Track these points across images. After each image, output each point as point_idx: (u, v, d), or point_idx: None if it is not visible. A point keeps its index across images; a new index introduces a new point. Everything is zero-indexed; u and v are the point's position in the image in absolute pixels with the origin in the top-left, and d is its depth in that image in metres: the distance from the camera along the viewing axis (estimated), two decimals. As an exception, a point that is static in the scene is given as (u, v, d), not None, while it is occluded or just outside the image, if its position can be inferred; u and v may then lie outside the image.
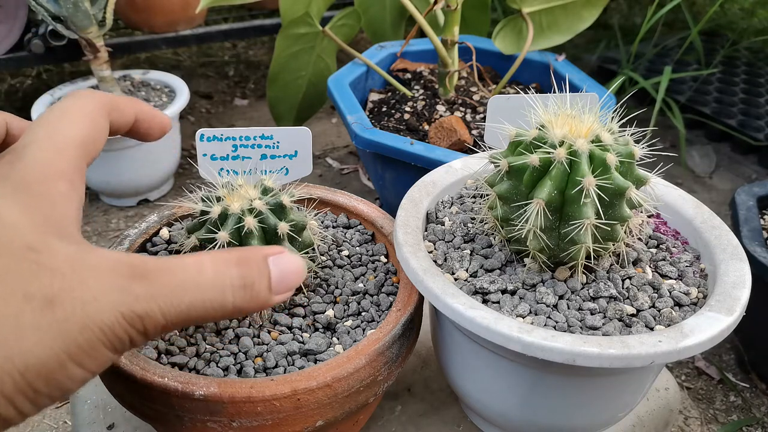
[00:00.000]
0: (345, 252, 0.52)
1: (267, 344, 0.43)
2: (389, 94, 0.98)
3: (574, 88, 0.91)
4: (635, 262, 0.45)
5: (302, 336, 0.44)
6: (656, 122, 1.15)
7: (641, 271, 0.44)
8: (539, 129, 0.41)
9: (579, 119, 0.41)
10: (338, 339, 0.44)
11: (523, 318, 0.41)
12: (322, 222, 0.55)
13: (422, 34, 1.00)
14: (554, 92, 0.44)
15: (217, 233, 0.42)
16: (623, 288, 0.43)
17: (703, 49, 1.42)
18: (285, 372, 0.41)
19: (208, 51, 1.73)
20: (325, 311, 0.46)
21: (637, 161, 0.41)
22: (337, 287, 0.49)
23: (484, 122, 0.64)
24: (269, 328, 0.45)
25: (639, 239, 0.47)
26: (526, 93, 0.46)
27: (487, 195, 0.44)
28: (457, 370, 0.47)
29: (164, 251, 0.51)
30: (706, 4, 1.60)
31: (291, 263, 0.31)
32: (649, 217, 0.48)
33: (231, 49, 1.77)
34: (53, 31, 1.11)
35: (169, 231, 0.53)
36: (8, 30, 1.15)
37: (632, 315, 0.41)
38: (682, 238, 0.49)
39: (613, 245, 0.42)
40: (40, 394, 0.25)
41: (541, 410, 0.44)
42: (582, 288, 0.43)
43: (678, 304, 0.42)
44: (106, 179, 1.07)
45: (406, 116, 0.91)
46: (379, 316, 0.46)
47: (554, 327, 0.40)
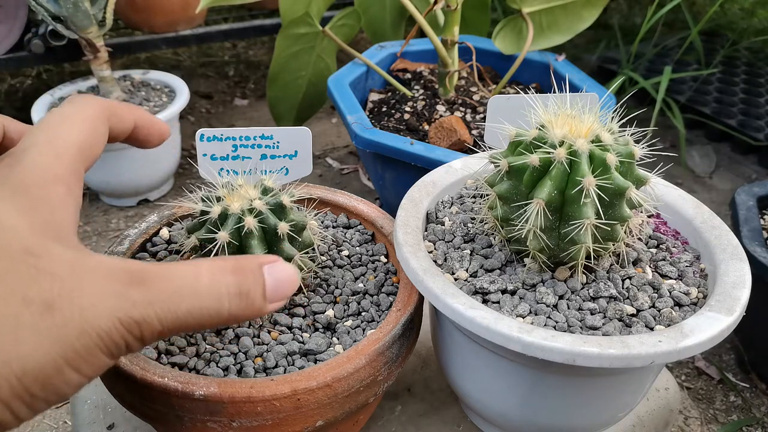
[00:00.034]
0: (345, 252, 0.52)
1: (267, 344, 0.43)
2: (389, 94, 0.98)
3: (574, 88, 0.91)
4: (635, 262, 0.45)
5: (302, 336, 0.44)
6: (656, 122, 1.15)
7: (641, 271, 0.44)
8: (539, 129, 0.41)
9: (579, 119, 0.41)
10: (338, 339, 0.44)
11: (523, 318, 0.41)
12: (322, 222, 0.55)
13: (422, 34, 1.00)
14: (554, 92, 0.44)
15: (217, 233, 0.42)
16: (623, 288, 0.43)
17: (703, 49, 1.42)
18: (285, 372, 0.41)
19: (208, 51, 1.73)
20: (325, 311, 0.46)
21: (637, 161, 0.41)
22: (337, 287, 0.49)
23: (484, 122, 0.63)
24: (269, 328, 0.45)
25: (639, 239, 0.47)
26: (526, 93, 0.46)
27: (487, 195, 0.44)
28: (457, 370, 0.47)
29: (164, 251, 0.51)
30: (706, 4, 1.60)
31: (285, 272, 0.32)
32: (649, 217, 0.48)
33: (231, 49, 1.77)
34: (53, 31, 1.11)
35: (169, 231, 0.53)
36: (8, 30, 1.15)
37: (632, 315, 0.41)
38: (682, 238, 0.49)
39: (613, 245, 0.42)
40: (37, 399, 0.25)
41: (541, 410, 0.44)
42: (582, 288, 0.43)
43: (678, 304, 0.42)
44: (106, 179, 1.07)
45: (406, 116, 0.91)
46: (379, 316, 0.46)
47: (554, 327, 0.40)
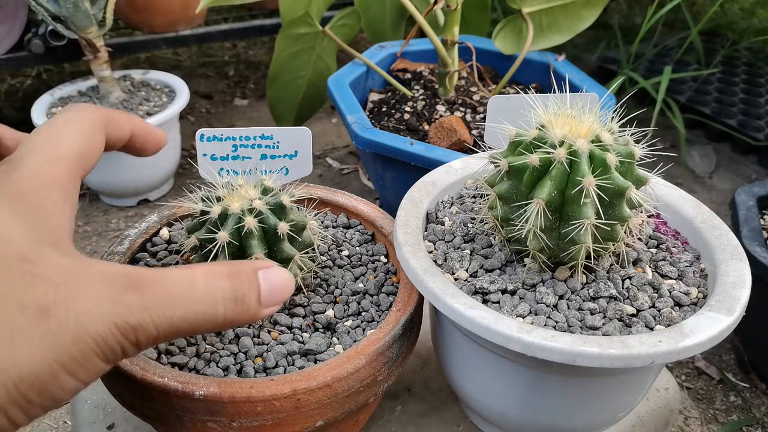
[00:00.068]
0: (345, 252, 0.52)
1: (267, 344, 0.43)
2: (389, 94, 0.98)
3: (574, 88, 0.91)
4: (635, 262, 0.45)
5: (302, 336, 0.44)
6: (656, 122, 1.15)
7: (641, 271, 0.44)
8: (539, 129, 0.41)
9: (579, 119, 0.41)
10: (338, 339, 0.44)
11: (523, 318, 0.41)
12: (322, 222, 0.55)
13: (422, 34, 1.00)
14: (554, 92, 0.44)
15: (217, 233, 0.42)
16: (623, 288, 0.43)
17: (703, 49, 1.42)
18: (285, 372, 0.41)
19: (208, 51, 1.73)
20: (325, 311, 0.46)
21: (637, 161, 0.41)
22: (337, 287, 0.49)
23: (484, 122, 0.63)
24: (269, 328, 0.45)
25: (639, 239, 0.47)
26: (526, 93, 0.46)
27: (487, 195, 0.44)
28: (457, 370, 0.47)
29: (164, 251, 0.51)
30: (706, 4, 1.60)
31: (280, 277, 0.32)
32: (649, 217, 0.48)
33: (231, 49, 1.77)
34: (53, 31, 1.11)
35: (169, 231, 0.53)
36: (8, 30, 1.15)
37: (632, 315, 0.41)
38: (682, 238, 0.49)
39: (613, 245, 0.42)
40: (33, 405, 0.25)
41: (541, 410, 0.44)
42: (582, 288, 0.43)
43: (678, 304, 0.42)
44: (106, 179, 1.07)
45: (406, 116, 0.91)
46: (379, 316, 0.46)
47: (554, 327, 0.40)
